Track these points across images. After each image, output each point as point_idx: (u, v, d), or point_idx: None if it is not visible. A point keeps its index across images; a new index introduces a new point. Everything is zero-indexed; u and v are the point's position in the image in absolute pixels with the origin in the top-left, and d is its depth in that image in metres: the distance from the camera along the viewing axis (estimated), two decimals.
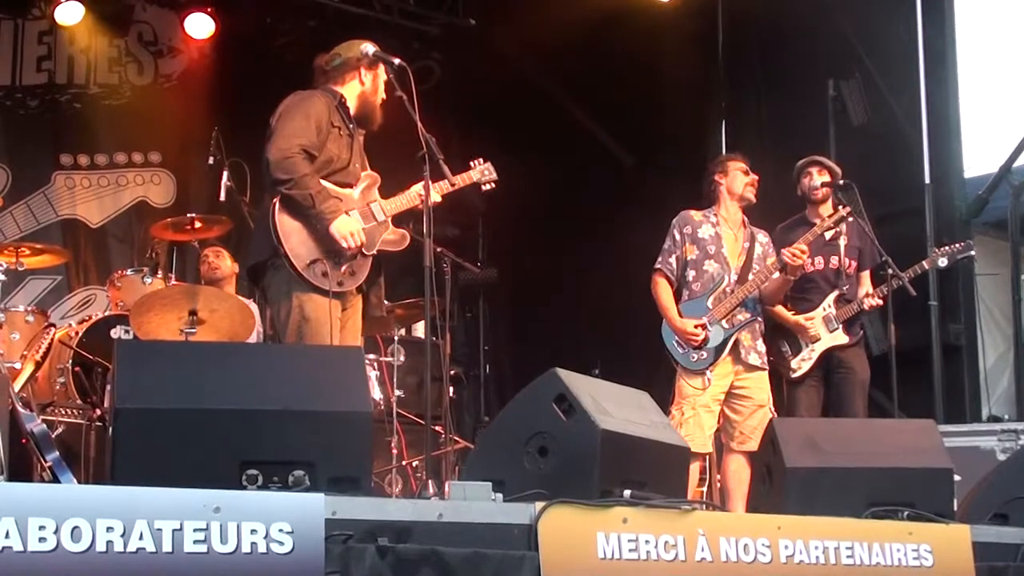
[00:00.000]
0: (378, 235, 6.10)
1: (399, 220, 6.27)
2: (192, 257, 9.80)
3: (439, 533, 3.77)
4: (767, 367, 7.40)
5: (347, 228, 5.90)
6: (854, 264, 7.91)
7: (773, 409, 7.32)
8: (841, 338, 7.76)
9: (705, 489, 8.42)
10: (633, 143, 11.23)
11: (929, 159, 9.57)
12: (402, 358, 8.66)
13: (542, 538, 3.85)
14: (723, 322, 7.29)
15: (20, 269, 8.58)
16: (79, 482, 4.75)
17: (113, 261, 10.88)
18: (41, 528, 3.21)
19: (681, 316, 7.40)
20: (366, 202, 6.13)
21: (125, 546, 3.28)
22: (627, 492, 4.15)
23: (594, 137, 11.55)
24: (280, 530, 3.45)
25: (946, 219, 9.34)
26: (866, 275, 7.94)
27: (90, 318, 8.57)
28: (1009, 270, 9.46)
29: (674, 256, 7.58)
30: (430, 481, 5.06)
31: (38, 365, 7.71)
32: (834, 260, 7.85)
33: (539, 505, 3.89)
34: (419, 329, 9.38)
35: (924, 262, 7.89)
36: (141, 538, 3.30)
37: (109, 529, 3.27)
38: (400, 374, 8.62)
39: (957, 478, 5.18)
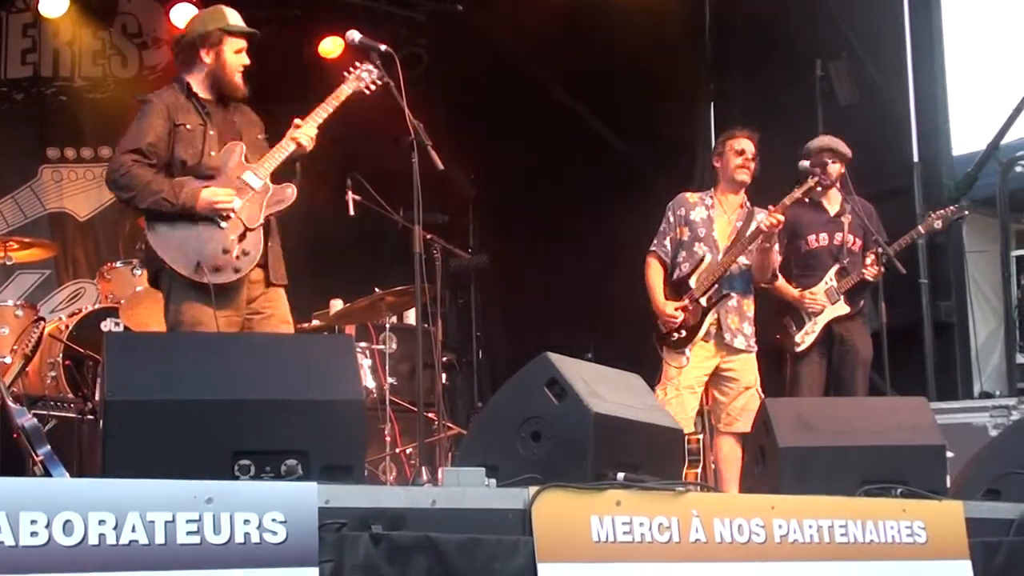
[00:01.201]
0: (259, 204, 5.83)
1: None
2: None
3: (433, 520, 3.76)
4: (754, 349, 7.43)
5: (213, 195, 5.71)
6: (859, 242, 7.95)
7: (761, 391, 7.36)
8: (843, 308, 7.83)
9: (699, 471, 8.44)
10: (621, 127, 11.23)
11: (917, 138, 9.60)
12: (394, 346, 8.66)
13: (536, 523, 3.84)
14: (703, 300, 7.30)
15: (8, 263, 8.58)
16: (71, 475, 4.73)
17: (102, 254, 10.86)
18: (33, 522, 3.19)
19: (667, 298, 7.45)
20: (237, 176, 5.87)
21: (118, 539, 3.27)
22: (620, 475, 4.15)
23: (582, 122, 11.54)
24: (273, 520, 3.44)
25: (935, 197, 9.37)
26: (870, 257, 7.97)
27: (80, 311, 8.56)
28: (998, 247, 9.47)
29: (668, 238, 7.61)
30: (424, 468, 5.09)
31: (28, 359, 7.70)
32: (838, 236, 7.92)
33: (533, 490, 3.89)
34: (411, 316, 9.38)
35: (920, 227, 7.96)
36: (134, 530, 3.29)
37: (101, 522, 3.26)
38: (392, 362, 8.62)
39: (950, 455, 5.18)
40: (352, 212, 8.37)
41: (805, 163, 7.95)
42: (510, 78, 11.75)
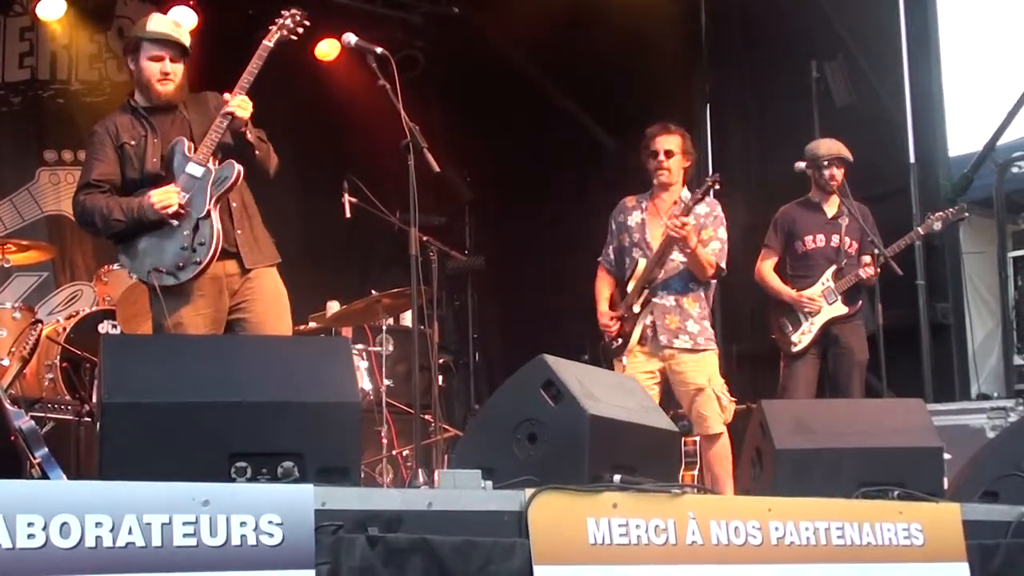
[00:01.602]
0: (204, 191, 5.80)
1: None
2: None
3: (429, 522, 3.76)
4: (705, 348, 7.19)
5: (152, 199, 5.74)
6: (855, 245, 7.99)
7: (721, 392, 7.17)
8: (840, 308, 7.90)
9: (696, 473, 8.44)
10: (617, 128, 11.23)
11: (913, 139, 9.60)
12: (390, 347, 8.67)
13: (532, 525, 3.84)
14: (635, 306, 7.20)
15: (6, 266, 8.58)
16: (68, 477, 4.73)
17: (99, 256, 10.85)
18: (30, 524, 3.19)
19: (613, 307, 7.37)
20: (182, 171, 5.85)
21: (114, 541, 3.26)
22: (617, 477, 4.15)
23: (578, 123, 11.55)
24: (270, 522, 3.44)
25: (931, 198, 9.37)
26: (867, 258, 7.99)
27: (77, 313, 8.57)
28: (995, 248, 9.48)
29: (611, 247, 7.54)
30: (420, 470, 5.09)
31: (26, 362, 7.70)
32: (835, 239, 7.98)
33: (529, 492, 3.89)
34: (407, 318, 9.38)
35: (919, 228, 7.99)
36: (130, 532, 3.29)
37: (98, 524, 3.26)
38: (389, 363, 8.63)
39: (947, 456, 5.18)
40: (348, 214, 8.38)
41: (801, 164, 7.98)
42: (506, 80, 11.76)
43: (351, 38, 5.95)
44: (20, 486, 3.37)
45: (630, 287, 7.25)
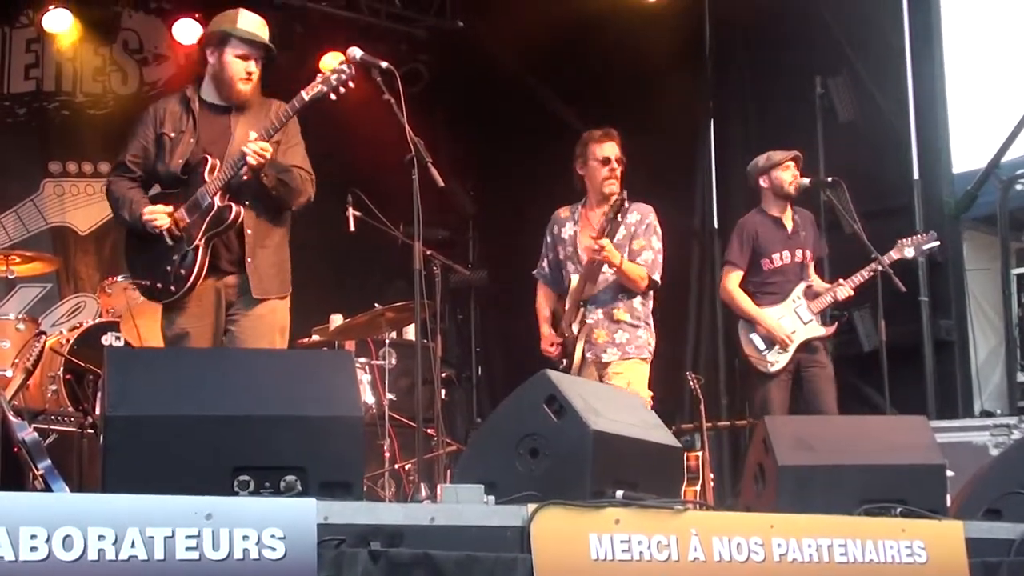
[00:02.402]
0: (201, 225, 5.82)
1: None
2: None
3: (432, 537, 3.76)
4: (634, 355, 6.99)
5: (147, 213, 5.84)
6: (810, 254, 7.96)
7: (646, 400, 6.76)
8: (817, 330, 7.82)
9: (698, 488, 8.43)
10: (621, 143, 11.22)
11: (917, 155, 9.59)
12: (393, 361, 8.67)
13: (535, 540, 3.84)
14: (573, 326, 7.02)
15: (10, 277, 8.60)
16: (71, 490, 4.73)
17: (103, 268, 10.87)
18: (33, 537, 3.19)
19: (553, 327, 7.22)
20: (193, 192, 5.88)
21: (117, 554, 3.26)
22: (619, 493, 4.14)
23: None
24: (272, 536, 3.44)
25: (935, 215, 9.36)
26: (812, 266, 8.00)
27: (81, 325, 8.58)
28: (999, 265, 9.48)
29: (546, 260, 7.38)
30: (422, 484, 5.09)
31: (29, 373, 7.71)
32: (798, 254, 7.92)
33: (531, 507, 3.88)
34: (410, 332, 9.39)
35: (892, 252, 7.92)
36: (133, 546, 3.28)
37: (101, 537, 3.26)
38: (391, 377, 8.63)
39: (950, 474, 5.17)
40: (352, 228, 8.39)
41: (805, 181, 7.96)
42: (510, 94, 11.77)
43: (356, 52, 5.95)
44: (23, 498, 3.37)
45: (567, 305, 7.11)
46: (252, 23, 6.06)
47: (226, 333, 5.90)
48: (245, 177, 5.81)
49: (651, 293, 7.14)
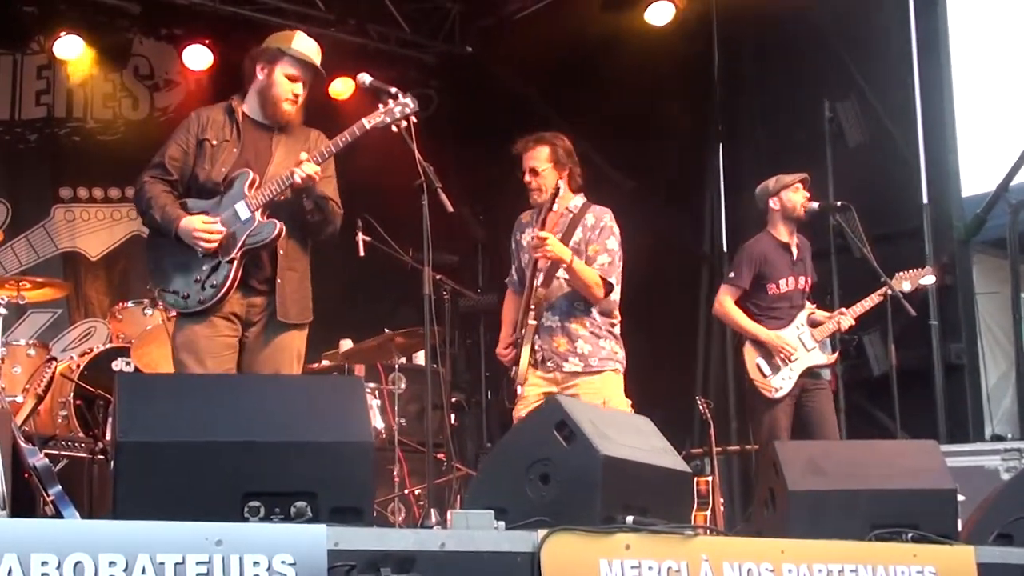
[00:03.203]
0: (241, 237, 5.74)
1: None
2: None
3: (442, 563, 3.75)
4: (599, 368, 6.67)
5: (191, 226, 5.70)
6: (809, 280, 7.97)
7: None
8: (820, 357, 7.79)
9: (708, 513, 8.42)
10: (631, 168, 11.25)
11: (926, 179, 9.59)
12: (403, 386, 8.68)
13: (545, 566, 3.83)
14: (523, 330, 6.68)
15: (21, 303, 8.61)
16: (82, 516, 4.74)
17: (113, 293, 10.91)
18: (44, 564, 3.19)
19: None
20: (233, 203, 5.79)
21: None
22: (629, 518, 4.14)
23: (592, 163, 11.54)
24: (283, 562, 3.44)
25: (944, 239, 9.36)
26: (843, 308, 8.02)
27: (91, 351, 8.60)
28: (1009, 289, 9.47)
29: (514, 267, 7.11)
30: (432, 510, 5.07)
31: (40, 399, 7.72)
32: (801, 281, 7.90)
33: (541, 533, 3.88)
34: (420, 357, 9.39)
35: (888, 286, 7.89)
36: (144, 572, 3.28)
37: (112, 563, 3.26)
38: (401, 402, 8.63)
39: (961, 498, 5.16)
40: (362, 253, 8.41)
41: (814, 205, 7.96)
42: (520, 118, 11.77)
43: (366, 78, 5.97)
44: (34, 525, 3.38)
45: (521, 307, 6.78)
46: (307, 46, 6.07)
47: (242, 353, 5.83)
48: (282, 197, 5.77)
49: (613, 302, 6.81)
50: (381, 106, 5.84)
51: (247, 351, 5.85)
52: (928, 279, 8.12)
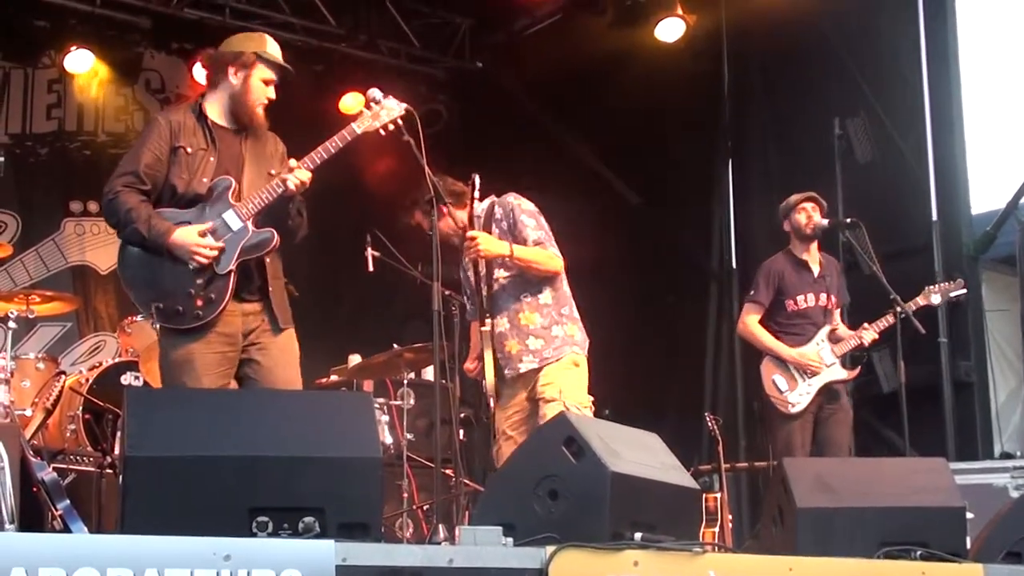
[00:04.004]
0: (234, 247, 5.56)
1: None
2: None
3: None
4: (550, 359, 6.40)
5: (188, 240, 5.47)
6: (834, 299, 8.00)
7: (577, 405, 6.32)
8: (839, 373, 7.85)
9: (717, 530, 8.40)
10: (640, 183, 11.26)
11: (936, 196, 9.59)
12: (412, 401, 8.67)
13: None
14: (481, 343, 6.41)
15: (31, 316, 8.60)
16: (90, 531, 4.74)
17: (123, 307, 10.90)
18: None
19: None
20: (219, 213, 5.59)
21: None
22: (638, 535, 4.13)
23: (601, 178, 11.57)
24: None
25: (954, 256, 9.35)
26: (838, 312, 8.04)
27: (100, 365, 8.60)
28: (1018, 306, 9.45)
29: (465, 298, 6.93)
30: (441, 525, 5.06)
31: (49, 413, 7.73)
32: (823, 298, 7.96)
33: (550, 549, 3.88)
34: (428, 372, 9.38)
35: (918, 298, 7.97)
36: None
37: None
38: (410, 418, 8.63)
39: (970, 516, 5.15)
40: (371, 268, 8.41)
41: (823, 222, 7.98)
42: (529, 134, 11.81)
43: (376, 93, 5.95)
44: (42, 539, 3.39)
45: (477, 323, 6.52)
46: (277, 49, 5.95)
47: (249, 364, 5.67)
48: (273, 203, 5.64)
49: (558, 281, 6.57)
50: (365, 110, 5.78)
51: (254, 360, 5.68)
52: (960, 291, 8.17)
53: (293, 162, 5.68)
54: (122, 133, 11.63)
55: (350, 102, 11.34)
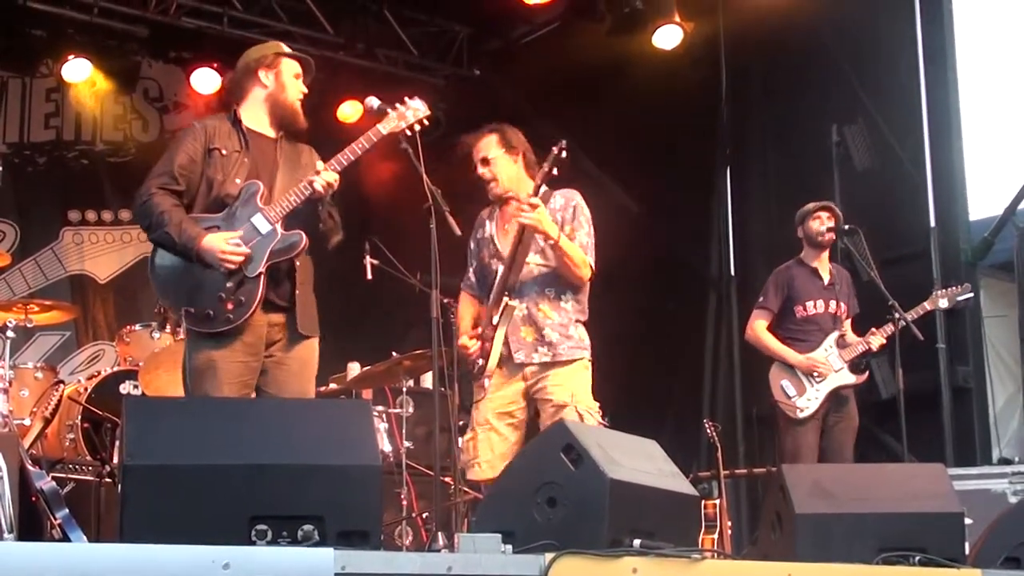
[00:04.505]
0: (263, 251, 5.57)
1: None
2: None
3: None
4: (569, 358, 6.29)
5: (216, 245, 5.48)
6: (844, 308, 8.03)
7: (588, 411, 6.24)
8: (848, 377, 7.88)
9: (716, 537, 8.40)
10: (638, 191, 11.26)
11: (934, 202, 9.60)
12: (411, 409, 8.66)
13: None
14: (494, 318, 6.23)
15: (29, 326, 8.62)
16: (89, 540, 4.74)
17: (121, 316, 10.92)
18: None
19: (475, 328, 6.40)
20: (248, 216, 5.61)
21: None
22: (636, 542, 4.14)
23: (599, 186, 11.56)
24: None
25: (952, 262, 9.36)
26: (848, 322, 8.06)
27: (99, 374, 8.60)
28: (1016, 312, 9.46)
29: (471, 268, 6.67)
30: (440, 533, 5.06)
31: (47, 422, 7.72)
32: (832, 305, 8.00)
33: (549, 556, 3.88)
34: (427, 380, 9.38)
35: (926, 303, 8.02)
36: None
37: None
38: (409, 425, 8.62)
39: (968, 522, 5.15)
40: (370, 276, 8.41)
41: (823, 228, 8.01)
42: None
43: (374, 101, 5.96)
44: (41, 548, 3.39)
45: (491, 296, 6.34)
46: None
47: (264, 374, 5.68)
48: (302, 206, 5.66)
49: (586, 289, 6.50)
50: (391, 111, 5.81)
51: (271, 371, 5.70)
52: (967, 296, 8.18)
53: (320, 164, 5.70)
54: (120, 142, 11.65)
55: (348, 110, 11.36)
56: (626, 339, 10.32)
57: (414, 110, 5.85)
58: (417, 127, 5.85)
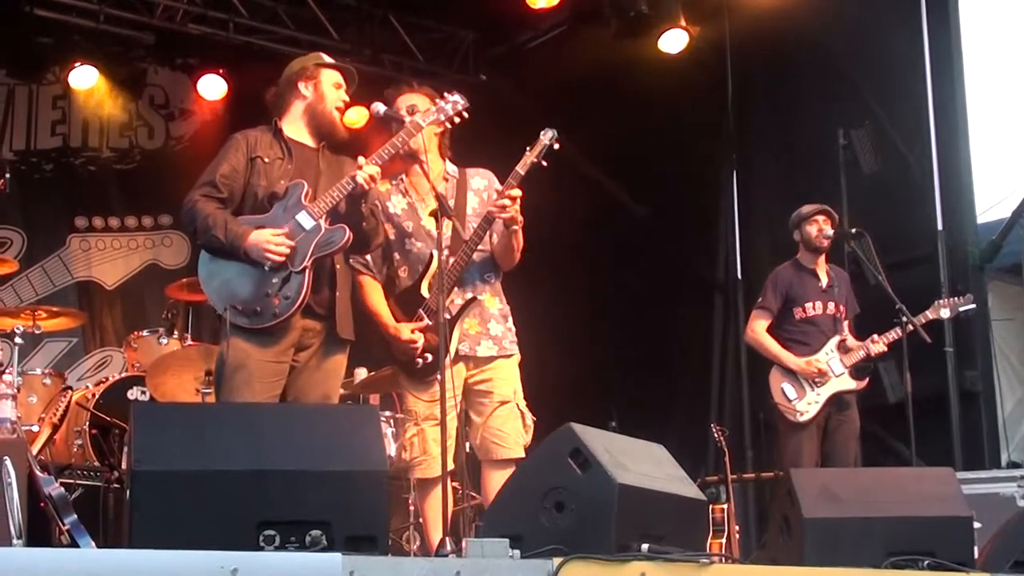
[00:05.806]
0: (308, 246, 5.57)
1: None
2: (208, 317, 9.84)
3: None
4: (509, 352, 6.17)
5: (261, 239, 5.51)
6: (843, 310, 8.01)
7: (525, 407, 6.22)
8: (848, 383, 7.85)
9: (724, 541, 8.39)
10: (644, 195, 11.26)
11: (941, 205, 9.58)
12: None
13: None
14: (452, 310, 5.90)
15: (37, 332, 8.61)
16: (97, 545, 4.74)
17: (129, 322, 10.94)
18: None
19: (398, 318, 6.08)
20: (292, 215, 5.62)
21: None
22: (645, 546, 4.13)
23: (604, 190, 11.57)
24: None
25: (959, 265, 9.34)
26: (846, 324, 8.04)
27: (107, 380, 8.62)
28: None
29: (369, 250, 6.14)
30: (447, 538, 5.05)
31: (55, 428, 7.73)
32: (831, 307, 7.97)
33: (557, 561, 3.87)
34: None
35: (928, 312, 7.97)
36: None
37: None
38: None
39: (977, 526, 5.14)
40: None
41: (827, 232, 7.99)
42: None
43: (380, 107, 5.98)
44: (49, 554, 3.39)
45: (425, 289, 6.03)
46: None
47: (291, 371, 5.69)
48: (341, 204, 5.67)
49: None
50: (432, 105, 5.91)
51: (296, 374, 5.72)
52: (968, 307, 8.16)
53: (361, 159, 5.71)
54: (126, 149, 11.68)
55: (354, 116, 11.34)
56: (632, 343, 10.33)
57: (453, 103, 5.96)
58: (456, 119, 5.95)
